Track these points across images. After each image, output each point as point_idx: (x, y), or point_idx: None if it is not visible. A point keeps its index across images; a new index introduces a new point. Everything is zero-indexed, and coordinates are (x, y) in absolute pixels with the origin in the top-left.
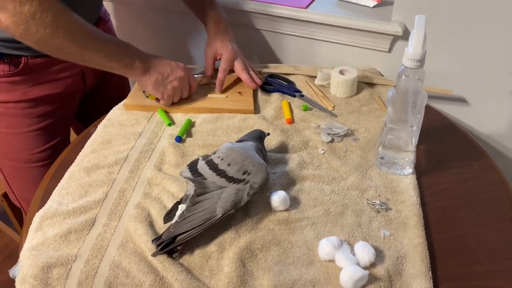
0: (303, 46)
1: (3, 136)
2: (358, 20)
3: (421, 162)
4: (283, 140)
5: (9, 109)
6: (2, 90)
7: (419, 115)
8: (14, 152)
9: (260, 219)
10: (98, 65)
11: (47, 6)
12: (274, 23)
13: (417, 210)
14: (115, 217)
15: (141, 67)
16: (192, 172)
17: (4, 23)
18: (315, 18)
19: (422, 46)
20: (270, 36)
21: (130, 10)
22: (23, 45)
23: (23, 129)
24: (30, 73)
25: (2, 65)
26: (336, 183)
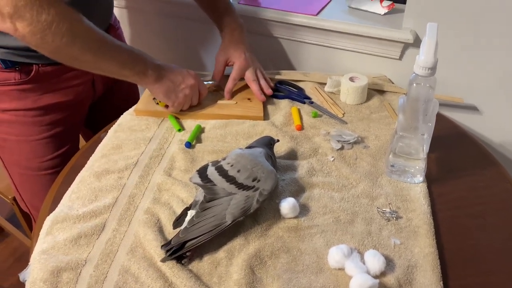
0: (313, 53)
1: (13, 144)
2: (369, 28)
3: (432, 170)
4: (293, 147)
5: (19, 116)
6: (13, 98)
7: (430, 123)
8: (24, 159)
9: (270, 226)
10: (111, 73)
11: (63, 16)
12: (284, 30)
13: (428, 219)
14: (124, 222)
15: (153, 75)
16: (201, 178)
17: (21, 32)
18: (325, 25)
19: (434, 54)
20: (280, 43)
21: (141, 16)
22: (35, 53)
23: (34, 137)
24: (41, 81)
25: (13, 73)
26: (346, 191)
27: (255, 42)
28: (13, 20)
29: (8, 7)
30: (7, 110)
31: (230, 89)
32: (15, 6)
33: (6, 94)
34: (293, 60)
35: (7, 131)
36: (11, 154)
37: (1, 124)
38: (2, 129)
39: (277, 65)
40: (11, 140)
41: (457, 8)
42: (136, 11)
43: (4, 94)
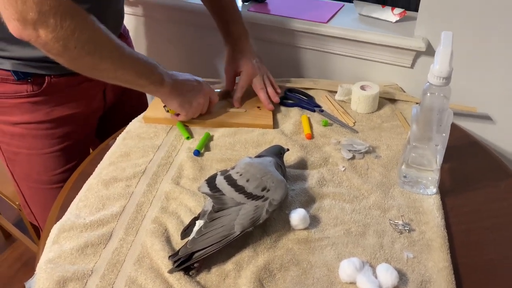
0: (324, 60)
1: (24, 158)
2: (380, 35)
3: (445, 181)
4: (303, 156)
5: (31, 130)
6: (25, 110)
7: (445, 133)
8: (35, 173)
9: (279, 237)
10: (127, 82)
11: (86, 23)
12: (294, 37)
13: (442, 232)
14: (132, 232)
15: (168, 85)
16: (210, 187)
17: (44, 39)
18: (336, 33)
19: (449, 63)
20: (290, 50)
21: (153, 24)
22: (47, 64)
23: (45, 150)
24: (53, 93)
25: (25, 85)
26: (357, 202)
27: (265, 50)
28: (36, 27)
29: (32, 13)
30: (19, 123)
31: (238, 98)
32: (39, 12)
33: (17, 107)
34: (303, 68)
35: (18, 144)
36: (21, 167)
37: (12, 137)
38: (13, 142)
39: (287, 73)
40: (22, 153)
41: (470, 16)
42: (148, 19)
43: (16, 107)
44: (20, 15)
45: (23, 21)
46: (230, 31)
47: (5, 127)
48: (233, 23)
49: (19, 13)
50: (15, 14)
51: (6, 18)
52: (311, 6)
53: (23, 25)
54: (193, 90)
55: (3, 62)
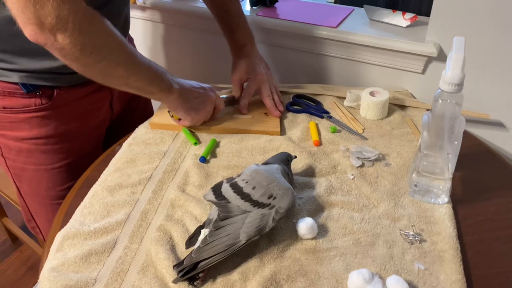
0: (332, 66)
1: (31, 174)
2: (390, 40)
3: (457, 190)
4: (310, 163)
5: (39, 145)
6: (34, 125)
7: (457, 141)
8: (44, 189)
9: (286, 247)
10: (138, 89)
11: (102, 28)
12: (303, 42)
13: (454, 243)
14: (136, 240)
15: (176, 92)
16: (216, 195)
17: (61, 43)
18: (345, 38)
19: (461, 70)
20: (299, 55)
21: (161, 28)
22: (56, 75)
23: (54, 165)
24: (61, 106)
25: (34, 98)
26: (367, 211)
27: (274, 54)
28: (54, 31)
29: (51, 17)
30: (27, 138)
31: (245, 104)
32: (58, 16)
33: (26, 121)
34: (311, 73)
35: (25, 160)
36: (29, 183)
37: (19, 153)
38: (19, 158)
39: (295, 78)
40: (29, 169)
41: (483, 21)
42: (156, 23)
43: (24, 122)
44: (38, 20)
45: (41, 26)
46: (236, 37)
47: (12, 142)
48: (238, 28)
49: (37, 17)
50: (32, 18)
51: (22, 22)
52: (321, 10)
53: (40, 30)
54: (199, 97)
55: (10, 75)
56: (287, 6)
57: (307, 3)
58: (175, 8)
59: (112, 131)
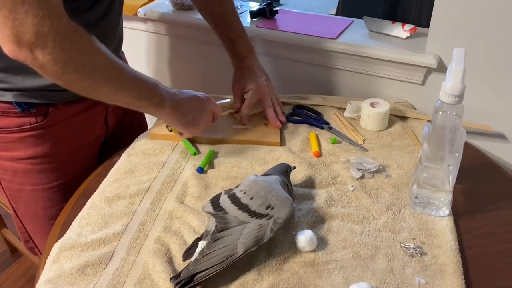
0: (333, 77)
1: (28, 194)
2: (390, 52)
3: (458, 202)
4: (310, 175)
5: (35, 165)
6: (29, 145)
7: (458, 153)
8: (41, 209)
9: (285, 260)
10: (126, 104)
11: (87, 45)
12: (303, 53)
13: (455, 256)
14: (133, 251)
15: (169, 106)
16: (213, 206)
17: (41, 61)
18: (345, 49)
19: (462, 81)
20: (299, 66)
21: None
22: (50, 92)
23: (50, 184)
24: (56, 124)
25: (28, 117)
26: (367, 223)
27: (274, 66)
28: (32, 48)
29: (29, 34)
30: (23, 158)
31: (246, 115)
32: (37, 33)
33: (21, 141)
34: (312, 84)
35: (21, 181)
36: (26, 204)
37: (15, 174)
38: (15, 179)
39: (295, 89)
40: (26, 190)
41: (482, 32)
42: (157, 35)
43: (19, 142)
44: (16, 37)
45: (19, 43)
46: (237, 49)
47: (8, 163)
48: (238, 40)
49: (15, 34)
50: (10, 35)
51: (1, 39)
52: (320, 22)
53: (18, 47)
54: (196, 108)
55: (4, 94)
56: (287, 17)
57: (307, 15)
58: (175, 20)
59: (107, 147)
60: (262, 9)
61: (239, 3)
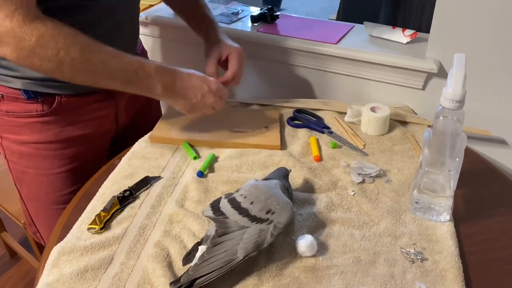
0: (333, 81)
1: (31, 178)
2: (391, 57)
3: (459, 208)
4: (310, 179)
5: (40, 150)
6: (35, 130)
7: (458, 158)
8: (42, 193)
9: (285, 265)
10: (116, 89)
11: (48, 40)
12: (303, 58)
13: (456, 262)
14: (133, 256)
15: (164, 93)
16: (214, 211)
17: (10, 57)
18: (345, 54)
19: (462, 86)
20: (300, 71)
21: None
22: (58, 83)
23: (53, 171)
24: (63, 112)
25: (35, 104)
26: (367, 228)
27: (275, 70)
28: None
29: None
30: (28, 142)
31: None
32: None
33: (28, 126)
34: (312, 89)
35: (26, 164)
36: (29, 187)
37: (21, 157)
38: (21, 161)
39: (295, 93)
40: (30, 173)
41: (483, 37)
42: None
43: (26, 126)
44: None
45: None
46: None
47: (14, 146)
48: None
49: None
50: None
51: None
52: (321, 27)
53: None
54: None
55: (14, 81)
56: (287, 22)
57: (307, 20)
58: (177, 24)
59: (119, 141)
60: (263, 14)
61: (240, 7)
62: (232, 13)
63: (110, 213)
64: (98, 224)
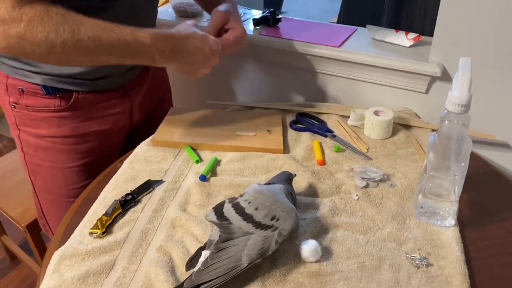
0: (336, 85)
1: (46, 171)
2: (394, 60)
3: (464, 213)
4: (314, 183)
5: (56, 144)
6: (52, 124)
7: (464, 163)
8: (56, 186)
9: (289, 270)
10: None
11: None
12: (306, 61)
13: (462, 268)
14: (135, 260)
15: (165, 61)
16: (217, 215)
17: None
18: (348, 57)
19: (468, 90)
20: (302, 74)
21: None
22: (76, 79)
23: (68, 164)
24: (80, 108)
25: (53, 99)
26: (372, 233)
27: (277, 73)
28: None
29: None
30: (45, 136)
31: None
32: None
33: (45, 120)
34: (315, 92)
35: (42, 157)
36: (43, 180)
37: (38, 150)
38: (37, 154)
39: (298, 97)
40: (45, 166)
41: (487, 41)
42: None
43: (43, 121)
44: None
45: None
46: None
47: (32, 139)
48: None
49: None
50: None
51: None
52: (324, 30)
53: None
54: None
55: (34, 76)
56: (290, 25)
57: (310, 23)
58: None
59: (133, 138)
60: (265, 17)
61: (242, 10)
62: None
63: (112, 217)
64: (99, 228)
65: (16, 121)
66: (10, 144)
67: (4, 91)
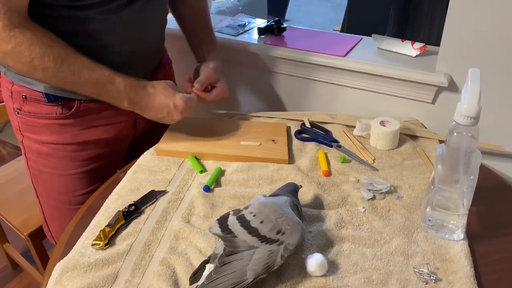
0: (341, 94)
1: (47, 177)
2: (400, 70)
3: (473, 226)
4: (320, 195)
5: (57, 150)
6: (53, 131)
7: (473, 175)
8: (56, 193)
9: (294, 285)
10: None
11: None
12: (312, 71)
13: (472, 283)
14: (138, 273)
15: (131, 107)
16: (221, 228)
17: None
18: (354, 67)
19: (478, 102)
20: (307, 84)
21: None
22: None
23: (68, 171)
24: (82, 116)
25: (55, 107)
26: (379, 247)
27: (282, 83)
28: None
29: None
30: (46, 142)
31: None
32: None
33: (47, 127)
34: (320, 102)
35: (43, 163)
36: (44, 185)
37: (39, 155)
38: (39, 160)
39: (303, 106)
40: (46, 172)
41: (493, 50)
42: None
43: (45, 127)
44: None
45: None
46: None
47: (34, 144)
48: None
49: None
50: None
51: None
52: (329, 39)
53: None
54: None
55: (37, 84)
56: (294, 35)
57: (315, 32)
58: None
59: (138, 146)
60: (270, 26)
61: (246, 19)
62: (238, 25)
63: (115, 229)
64: (102, 240)
65: (19, 126)
66: (14, 151)
67: (9, 97)
